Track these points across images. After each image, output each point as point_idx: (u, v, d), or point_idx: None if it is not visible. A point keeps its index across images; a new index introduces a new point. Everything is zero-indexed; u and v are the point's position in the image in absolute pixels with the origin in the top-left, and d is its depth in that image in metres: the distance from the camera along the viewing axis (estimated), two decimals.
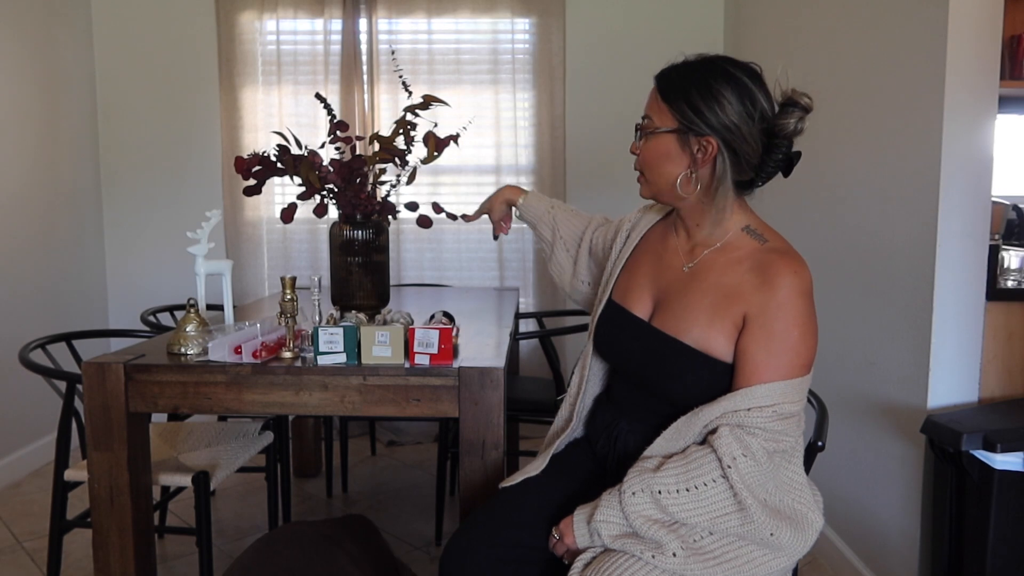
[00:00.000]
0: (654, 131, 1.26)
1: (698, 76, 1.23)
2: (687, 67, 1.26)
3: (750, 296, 1.20)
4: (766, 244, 1.25)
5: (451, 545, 1.33)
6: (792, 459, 1.22)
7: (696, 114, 1.21)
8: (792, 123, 1.21)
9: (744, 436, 1.14)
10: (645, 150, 1.29)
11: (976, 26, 1.72)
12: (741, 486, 1.12)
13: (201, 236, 1.85)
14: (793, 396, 1.17)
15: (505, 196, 1.73)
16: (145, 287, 3.67)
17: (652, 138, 1.27)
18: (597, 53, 3.56)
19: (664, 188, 1.29)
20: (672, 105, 1.23)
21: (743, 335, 1.20)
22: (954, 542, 1.70)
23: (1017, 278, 1.85)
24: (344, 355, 1.62)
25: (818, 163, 2.40)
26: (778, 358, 1.17)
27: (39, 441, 3.17)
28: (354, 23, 3.47)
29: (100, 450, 1.64)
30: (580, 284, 1.65)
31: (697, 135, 1.22)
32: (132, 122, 3.63)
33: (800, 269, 1.20)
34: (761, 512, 1.13)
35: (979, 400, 1.82)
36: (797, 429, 1.19)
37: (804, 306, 1.19)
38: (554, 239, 1.66)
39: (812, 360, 1.21)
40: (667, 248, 1.37)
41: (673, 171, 1.26)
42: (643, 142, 1.30)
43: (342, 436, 2.98)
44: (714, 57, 1.25)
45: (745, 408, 1.16)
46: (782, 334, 1.17)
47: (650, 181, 1.31)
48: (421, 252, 3.61)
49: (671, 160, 1.26)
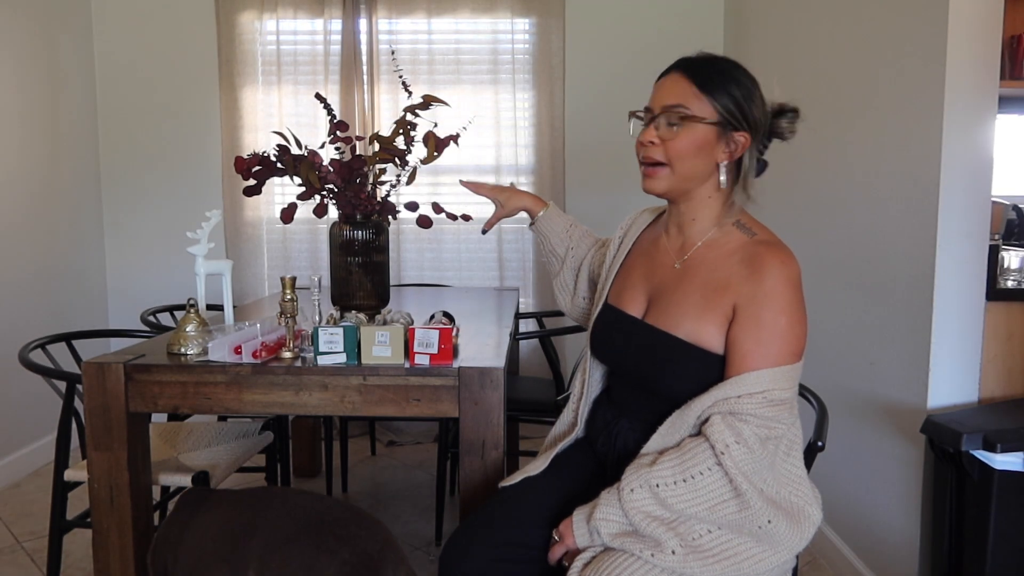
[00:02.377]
0: (698, 120, 1.23)
1: (732, 71, 1.25)
2: (717, 61, 1.26)
3: (739, 287, 1.22)
4: (755, 237, 1.27)
5: (450, 544, 1.33)
6: (791, 452, 1.23)
7: (738, 108, 1.23)
8: (786, 123, 1.30)
9: (736, 423, 1.16)
10: (680, 139, 1.24)
11: (976, 26, 1.72)
12: (735, 471, 1.14)
13: (201, 236, 1.85)
14: (783, 383, 1.18)
15: (527, 204, 1.67)
16: (145, 287, 3.67)
17: (691, 128, 1.24)
18: (597, 53, 3.56)
19: (689, 180, 1.28)
20: (714, 97, 1.23)
21: (733, 325, 1.21)
22: (954, 542, 1.70)
23: (1017, 278, 1.85)
24: (344, 355, 1.62)
25: (818, 163, 2.40)
26: (767, 346, 1.18)
27: (39, 441, 3.17)
28: (354, 23, 3.47)
29: (100, 450, 1.64)
30: (580, 300, 1.67)
31: (735, 129, 1.24)
32: (132, 122, 3.63)
33: (787, 259, 1.21)
34: (758, 498, 1.15)
35: (979, 400, 1.82)
36: (789, 416, 1.20)
37: (792, 295, 1.20)
38: (566, 256, 1.66)
39: (802, 348, 1.22)
40: (658, 248, 1.39)
41: (705, 164, 1.26)
42: (677, 131, 1.24)
43: (342, 436, 2.98)
44: (729, 58, 1.29)
45: (736, 395, 1.17)
46: (771, 323, 1.19)
47: (677, 173, 1.27)
48: (421, 252, 3.61)
49: (706, 152, 1.25)
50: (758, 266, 1.21)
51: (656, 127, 1.27)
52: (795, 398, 1.23)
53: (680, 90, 1.25)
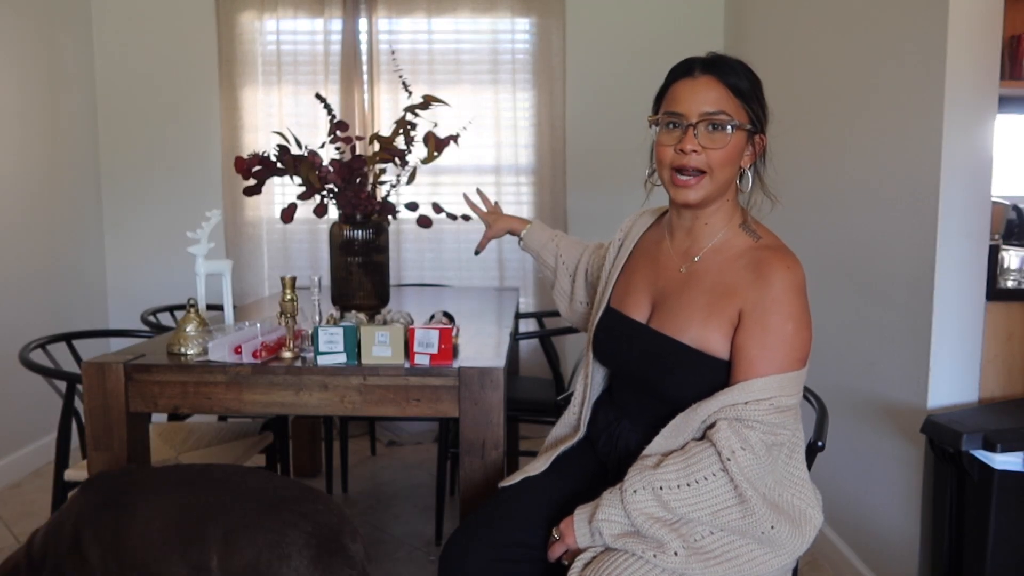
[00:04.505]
0: (740, 128, 1.23)
1: (751, 73, 1.26)
2: (737, 63, 1.26)
3: (745, 292, 1.21)
4: (760, 241, 1.27)
5: (450, 544, 1.33)
6: (793, 455, 1.23)
7: (763, 111, 1.26)
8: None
9: (742, 429, 1.16)
10: (726, 147, 1.22)
11: (976, 26, 1.72)
12: (741, 478, 1.13)
13: (201, 236, 1.85)
14: (789, 389, 1.18)
15: (511, 225, 1.77)
16: (145, 287, 3.67)
17: (735, 136, 1.23)
18: (597, 53, 3.56)
19: (724, 188, 1.28)
20: (747, 101, 1.24)
21: (739, 331, 1.21)
22: (954, 542, 1.70)
23: (1017, 278, 1.85)
24: (344, 355, 1.62)
25: (818, 163, 2.40)
26: (773, 352, 1.18)
27: (39, 441, 3.17)
28: (354, 23, 3.47)
29: (100, 450, 1.64)
30: (578, 305, 1.68)
31: (758, 132, 1.27)
32: (132, 122, 3.63)
33: (793, 265, 1.22)
34: (762, 504, 1.14)
35: (979, 400, 1.82)
36: (794, 422, 1.20)
37: (798, 301, 1.20)
38: (556, 264, 1.69)
39: (807, 354, 1.23)
40: (661, 251, 1.38)
41: (735, 170, 1.27)
42: (720, 138, 1.22)
43: (342, 436, 2.98)
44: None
45: (743, 402, 1.17)
46: (777, 329, 1.19)
47: (715, 180, 1.24)
48: (421, 252, 3.61)
49: (739, 158, 1.26)
50: (764, 272, 1.21)
51: (696, 134, 1.22)
52: (800, 405, 1.23)
53: (716, 96, 1.22)
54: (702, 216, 1.31)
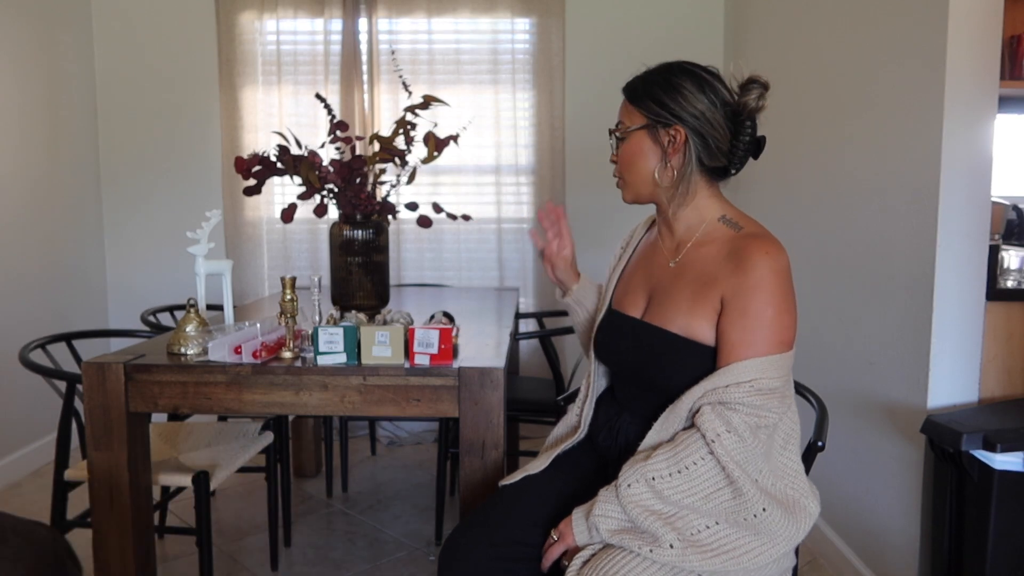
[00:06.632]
0: (626, 131, 1.35)
1: (659, 75, 1.33)
2: (649, 72, 1.35)
3: (726, 280, 1.24)
4: (741, 231, 1.29)
5: (450, 543, 1.34)
6: (787, 446, 1.25)
7: (661, 107, 1.29)
8: (753, 100, 1.27)
9: (725, 412, 1.18)
10: (621, 153, 1.37)
11: (976, 26, 1.72)
12: (727, 459, 1.15)
13: (201, 236, 1.85)
14: (772, 372, 1.20)
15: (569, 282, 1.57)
16: (145, 287, 3.67)
17: (625, 139, 1.35)
18: (597, 53, 3.56)
19: (643, 185, 1.35)
20: (638, 104, 1.33)
21: (721, 317, 1.24)
22: (954, 542, 1.70)
23: (1017, 278, 1.85)
24: (344, 355, 1.62)
25: (818, 163, 2.40)
26: (753, 335, 1.20)
27: (39, 441, 3.17)
28: (354, 23, 3.47)
29: (100, 450, 1.64)
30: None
31: (665, 126, 1.29)
32: (132, 122, 3.63)
33: (772, 250, 1.23)
34: (751, 486, 1.16)
35: (979, 400, 1.82)
36: (780, 405, 1.21)
37: (778, 285, 1.22)
38: (592, 308, 1.58)
39: (791, 338, 1.24)
40: (656, 250, 1.42)
41: (648, 166, 1.33)
42: (619, 147, 1.37)
43: (342, 436, 2.98)
44: (674, 61, 1.34)
45: (724, 385, 1.19)
46: (757, 313, 1.20)
47: (629, 182, 1.37)
48: (421, 252, 3.61)
49: (644, 155, 1.33)
50: (743, 258, 1.23)
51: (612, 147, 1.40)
52: (788, 388, 1.24)
53: (621, 110, 1.38)
54: (666, 211, 1.37)
